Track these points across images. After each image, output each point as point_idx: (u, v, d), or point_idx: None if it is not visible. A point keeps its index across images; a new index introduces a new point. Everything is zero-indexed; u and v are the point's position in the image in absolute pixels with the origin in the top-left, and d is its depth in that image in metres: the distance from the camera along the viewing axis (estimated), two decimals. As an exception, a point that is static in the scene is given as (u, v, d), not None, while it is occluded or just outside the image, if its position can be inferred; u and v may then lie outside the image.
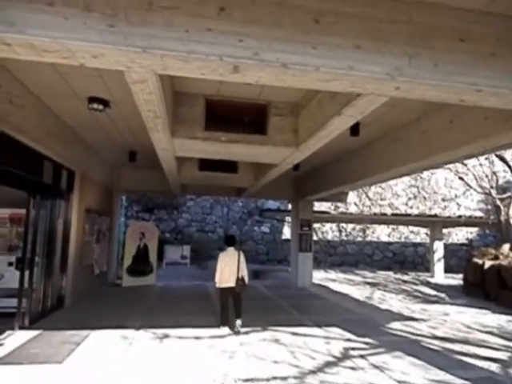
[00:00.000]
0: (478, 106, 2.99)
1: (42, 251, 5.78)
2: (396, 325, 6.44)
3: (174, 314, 6.51)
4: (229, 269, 5.53)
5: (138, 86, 2.83)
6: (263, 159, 5.71)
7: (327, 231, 18.72)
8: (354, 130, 4.96)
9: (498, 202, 11.14)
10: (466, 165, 11.70)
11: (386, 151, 6.03)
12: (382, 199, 19.07)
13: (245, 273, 5.61)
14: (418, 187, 19.24)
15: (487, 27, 2.67)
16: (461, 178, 12.55)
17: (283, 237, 17.78)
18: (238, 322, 5.48)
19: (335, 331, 5.77)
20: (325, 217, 15.31)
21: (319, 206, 15.97)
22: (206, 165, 7.36)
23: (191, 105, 4.56)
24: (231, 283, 5.48)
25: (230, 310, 5.62)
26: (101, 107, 4.63)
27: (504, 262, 9.16)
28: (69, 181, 6.78)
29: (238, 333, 5.38)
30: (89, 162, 7.58)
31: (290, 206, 13.49)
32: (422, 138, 5.06)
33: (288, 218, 16.69)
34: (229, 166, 7.50)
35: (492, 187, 11.68)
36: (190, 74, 2.49)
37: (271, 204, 17.66)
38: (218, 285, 5.60)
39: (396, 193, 19.21)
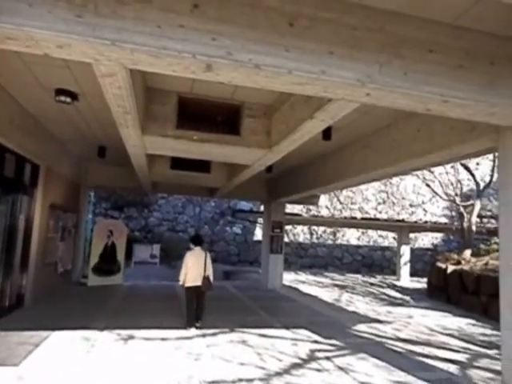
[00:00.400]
0: (444, 116, 3.08)
1: (1, 248, 5.52)
2: (362, 327, 6.55)
3: (141, 315, 6.37)
4: (196, 268, 5.61)
5: (107, 80, 2.74)
6: (236, 160, 5.68)
7: (299, 233, 18.89)
8: (326, 134, 5.01)
9: (462, 209, 11.56)
10: (432, 172, 12.08)
11: (357, 156, 6.14)
12: (352, 203, 19.42)
13: (210, 271, 5.72)
14: (387, 192, 19.72)
15: (456, 40, 2.76)
16: (428, 185, 12.95)
17: (255, 238, 17.81)
18: (197, 324, 5.61)
19: (303, 333, 5.81)
20: (297, 219, 15.43)
21: (291, 209, 16.09)
22: (178, 163, 7.25)
23: (163, 101, 4.48)
24: (198, 282, 5.57)
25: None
26: (68, 100, 4.47)
27: (465, 267, 9.51)
28: (32, 175, 6.50)
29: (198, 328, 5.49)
30: (55, 156, 7.30)
31: (262, 208, 13.51)
32: (391, 144, 5.18)
33: (260, 220, 16.72)
34: (201, 166, 7.42)
35: (456, 195, 12.11)
36: (162, 70, 2.44)
37: (244, 205, 17.64)
38: (183, 284, 5.64)
39: (366, 197, 19.61)
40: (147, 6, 2.18)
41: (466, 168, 11.10)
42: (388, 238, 19.54)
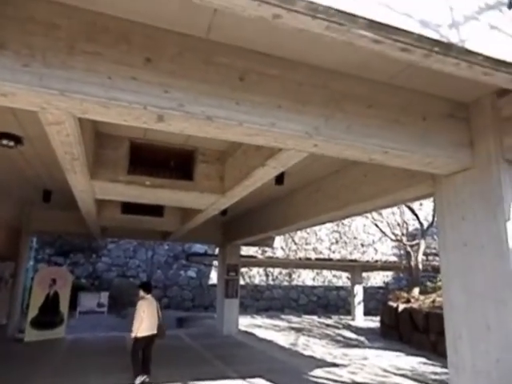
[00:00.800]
0: (386, 165, 3.30)
1: None
2: (319, 372, 6.46)
3: (84, 373, 5.87)
4: (150, 316, 5.50)
5: (54, 128, 2.68)
6: (189, 205, 5.65)
7: (254, 275, 18.70)
8: (279, 179, 5.15)
9: (409, 248, 12.10)
10: (380, 213, 12.65)
11: (308, 200, 6.33)
12: (307, 243, 19.68)
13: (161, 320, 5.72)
14: (339, 232, 20.26)
15: (392, 97, 3.01)
16: (376, 226, 13.50)
17: (210, 282, 17.37)
18: (147, 379, 5.35)
19: (259, 383, 5.61)
20: (252, 261, 15.33)
21: (247, 250, 16.00)
22: (130, 208, 7.06)
23: (115, 147, 4.42)
24: (154, 331, 5.51)
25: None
26: (12, 143, 4.29)
27: (415, 305, 9.81)
28: (-33, 221, 6.03)
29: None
30: (-7, 201, 6.85)
31: (217, 251, 13.32)
32: (340, 189, 5.41)
33: (216, 263, 16.41)
34: (154, 210, 7.27)
35: (403, 234, 12.70)
36: (112, 119, 2.43)
37: (199, 247, 17.31)
38: (136, 334, 5.40)
39: (320, 238, 19.99)
40: (98, 58, 2.20)
41: (410, 209, 11.75)
42: (342, 278, 19.84)
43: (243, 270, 17.17)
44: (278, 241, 18.27)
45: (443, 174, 3.40)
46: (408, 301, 10.43)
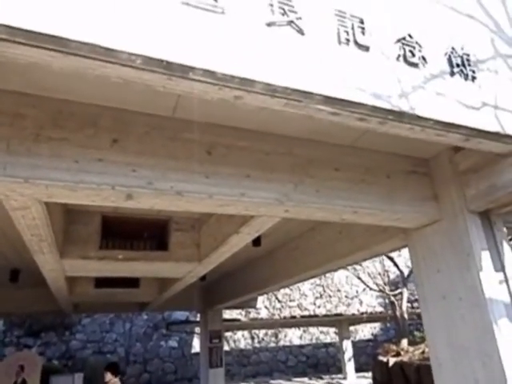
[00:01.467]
0: (358, 223, 3.36)
1: None
2: None
3: None
4: None
5: (19, 213, 2.62)
6: (165, 274, 5.49)
7: (239, 339, 17.87)
8: (256, 241, 5.11)
9: (392, 298, 11.98)
10: (361, 264, 12.64)
11: (288, 259, 6.29)
12: (291, 300, 19.22)
13: None
14: (323, 286, 19.97)
15: (357, 159, 3.14)
16: (358, 278, 13.43)
17: (193, 350, 16.43)
18: None
19: None
20: (236, 324, 14.73)
21: (230, 313, 15.43)
22: (104, 281, 6.78)
23: (85, 222, 4.34)
24: None
25: None
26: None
27: (405, 358, 9.52)
28: None
29: None
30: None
31: (199, 316, 12.77)
32: (317, 246, 5.42)
33: (198, 329, 15.66)
34: (130, 281, 7.01)
35: (385, 284, 12.64)
36: (79, 201, 2.41)
37: (179, 314, 16.57)
38: None
39: (304, 293, 19.60)
40: (64, 143, 2.22)
41: (389, 258, 11.82)
42: (330, 334, 19.23)
43: (227, 334, 16.43)
44: (262, 300, 17.80)
45: (413, 227, 3.49)
46: (398, 354, 10.13)
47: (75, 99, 2.29)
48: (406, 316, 11.43)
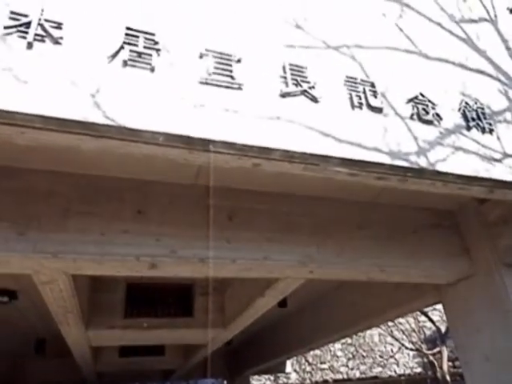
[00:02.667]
0: (388, 281, 3.24)
1: None
2: None
3: None
4: None
5: (47, 286, 2.66)
6: (191, 341, 5.34)
7: (269, 408, 16.70)
8: (282, 302, 4.96)
9: (431, 358, 11.14)
10: (393, 321, 11.96)
11: (315, 319, 6.03)
12: (322, 362, 18.09)
13: None
14: (355, 346, 18.80)
15: (379, 215, 3.10)
16: (392, 336, 12.65)
17: (221, 421, 15.39)
18: None
19: None
20: (265, 392, 13.86)
21: (258, 379, 14.60)
22: (128, 350, 6.62)
23: (110, 290, 4.34)
24: None
25: None
26: (5, 299, 4.20)
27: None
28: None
29: None
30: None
31: (225, 384, 12.11)
32: (345, 305, 5.20)
33: (224, 398, 14.77)
34: (155, 349, 6.81)
35: (422, 341, 11.83)
36: (105, 273, 2.44)
37: (206, 383, 15.75)
38: None
39: (335, 354, 18.46)
40: (91, 217, 2.30)
41: (423, 313, 11.17)
42: (366, 399, 17.76)
43: (257, 403, 15.40)
44: (291, 363, 16.82)
45: (445, 283, 3.32)
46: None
47: (101, 174, 2.40)
48: (448, 378, 10.53)
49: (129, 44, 1.80)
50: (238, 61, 2.03)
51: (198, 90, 1.89)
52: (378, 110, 2.25)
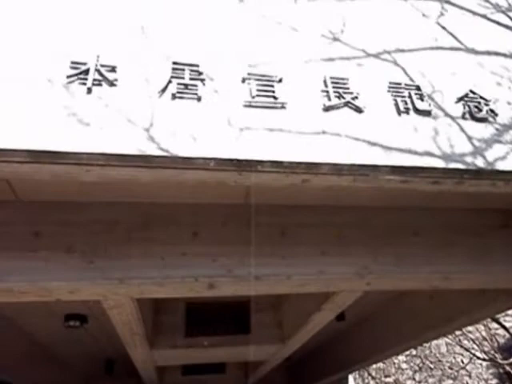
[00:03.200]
0: (452, 289, 3.08)
1: None
2: None
3: None
4: None
5: (115, 311, 2.82)
6: (250, 358, 5.34)
7: (335, 425, 16.18)
8: (340, 315, 4.86)
9: (508, 368, 10.30)
10: (461, 329, 11.24)
11: (375, 331, 5.82)
12: (386, 376, 17.27)
13: None
14: (420, 357, 17.81)
15: (438, 219, 2.96)
16: (460, 345, 11.87)
17: None
18: None
19: None
20: (329, 408, 13.46)
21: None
22: (190, 368, 6.76)
23: (171, 311, 4.49)
24: None
25: None
26: (77, 324, 4.47)
27: None
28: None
29: None
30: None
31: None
32: (407, 315, 4.99)
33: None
34: (216, 367, 6.91)
35: (495, 351, 10.99)
36: (167, 295, 2.55)
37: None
38: None
39: (400, 366, 17.58)
40: (151, 242, 2.41)
41: (496, 321, 10.41)
42: (438, 415, 16.70)
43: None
44: (353, 377, 16.25)
45: (519, 287, 3.10)
46: None
47: (157, 201, 2.51)
48: (531, 391, 9.66)
49: (176, 77, 1.91)
50: (280, 81, 2.08)
51: (243, 113, 1.95)
52: (427, 113, 2.19)
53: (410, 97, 2.24)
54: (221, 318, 4.64)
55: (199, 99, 1.90)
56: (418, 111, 2.20)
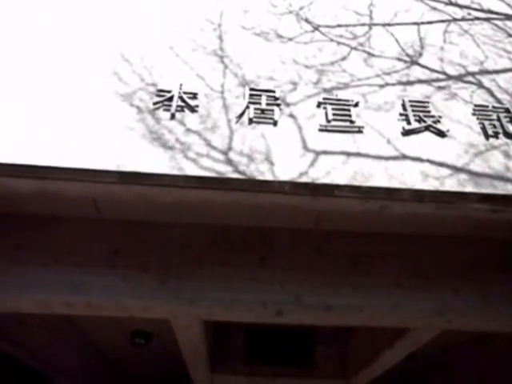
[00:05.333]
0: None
1: None
2: None
3: None
4: None
5: (184, 331, 2.85)
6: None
7: None
8: (411, 354, 4.50)
9: None
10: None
11: (449, 375, 5.28)
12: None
13: None
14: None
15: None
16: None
17: None
18: None
19: None
20: None
21: None
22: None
23: (232, 336, 4.45)
24: None
25: None
26: (142, 341, 4.58)
27: None
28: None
29: None
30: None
31: None
32: (490, 360, 4.47)
33: None
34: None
35: None
36: (233, 319, 2.53)
37: None
38: None
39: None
40: (221, 265, 2.42)
41: None
42: None
43: None
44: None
45: None
46: None
47: (229, 224, 2.53)
48: None
49: (253, 103, 1.95)
50: (356, 105, 2.05)
51: (319, 137, 1.94)
52: (519, 136, 2.02)
53: (498, 120, 2.08)
54: (283, 346, 4.49)
55: (275, 124, 1.92)
56: (508, 135, 2.04)
